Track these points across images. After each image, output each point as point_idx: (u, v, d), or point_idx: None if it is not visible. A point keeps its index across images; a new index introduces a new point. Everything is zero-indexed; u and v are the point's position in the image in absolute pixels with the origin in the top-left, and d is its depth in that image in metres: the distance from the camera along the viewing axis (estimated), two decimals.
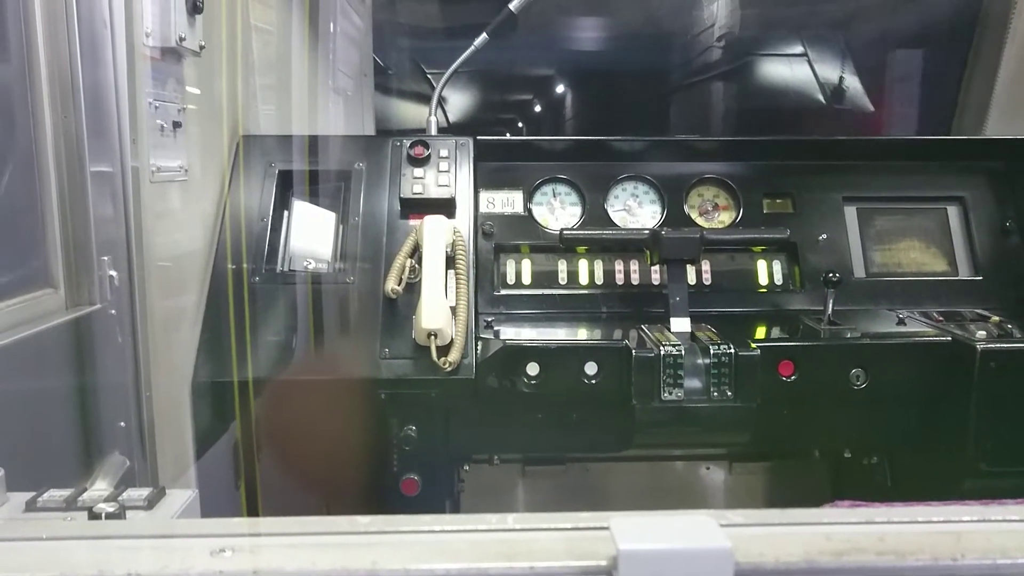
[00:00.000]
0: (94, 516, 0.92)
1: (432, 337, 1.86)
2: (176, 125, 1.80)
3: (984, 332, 1.96)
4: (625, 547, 0.62)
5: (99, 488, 1.01)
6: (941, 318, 2.11)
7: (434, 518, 0.70)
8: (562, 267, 2.24)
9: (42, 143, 1.46)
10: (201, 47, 1.83)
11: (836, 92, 5.23)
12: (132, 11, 1.57)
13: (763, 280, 2.26)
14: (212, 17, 1.90)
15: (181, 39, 1.72)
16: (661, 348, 1.87)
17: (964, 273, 2.31)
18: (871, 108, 4.99)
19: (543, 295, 2.20)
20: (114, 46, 1.51)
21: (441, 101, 2.53)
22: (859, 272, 2.28)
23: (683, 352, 1.87)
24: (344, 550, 0.65)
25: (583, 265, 2.24)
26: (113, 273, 1.55)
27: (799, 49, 5.90)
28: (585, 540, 0.66)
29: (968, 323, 2.06)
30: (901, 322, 2.10)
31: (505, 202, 2.30)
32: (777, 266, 2.27)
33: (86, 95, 1.48)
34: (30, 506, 0.96)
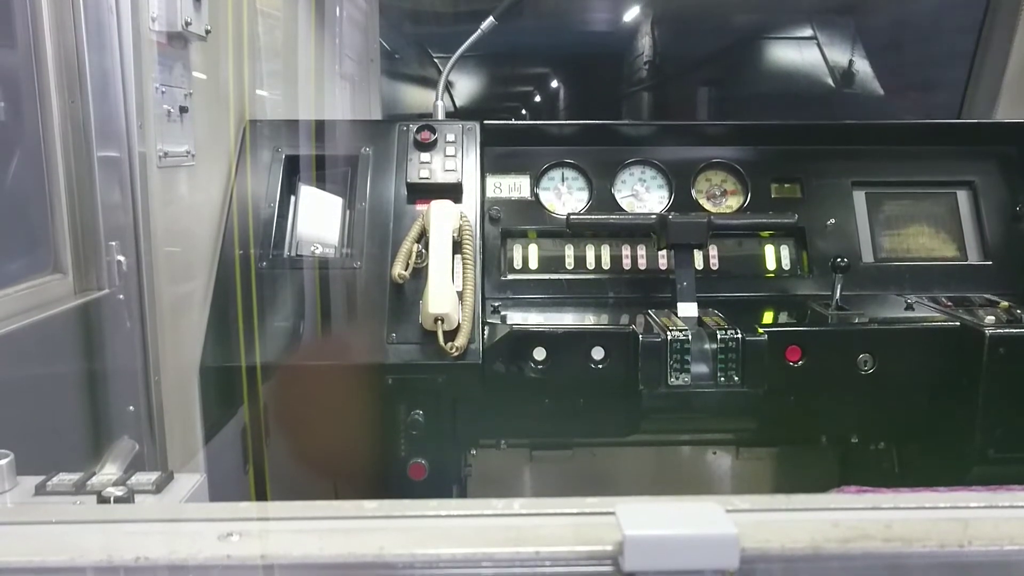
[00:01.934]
0: (103, 500, 0.92)
1: (439, 322, 1.86)
2: (183, 110, 1.79)
3: (993, 317, 1.94)
4: (631, 532, 0.62)
5: (108, 472, 1.02)
6: (950, 303, 2.10)
7: (440, 503, 0.70)
8: (569, 252, 2.23)
9: (49, 129, 1.47)
10: (207, 32, 1.82)
11: (845, 75, 5.22)
12: None
13: (771, 265, 2.25)
14: (218, 2, 1.89)
15: (187, 24, 1.72)
16: (668, 333, 1.87)
17: (973, 258, 2.29)
18: (881, 92, 4.96)
19: (550, 280, 2.20)
20: (120, 32, 1.51)
21: (448, 86, 2.52)
22: (867, 257, 2.26)
23: (690, 337, 1.87)
24: (351, 535, 0.66)
25: (590, 250, 2.23)
26: (121, 258, 1.56)
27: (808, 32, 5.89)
28: (591, 525, 0.66)
29: (977, 308, 2.05)
30: (909, 307, 2.09)
31: (512, 187, 2.30)
32: (785, 251, 2.26)
33: (93, 81, 1.48)
34: (40, 490, 0.96)
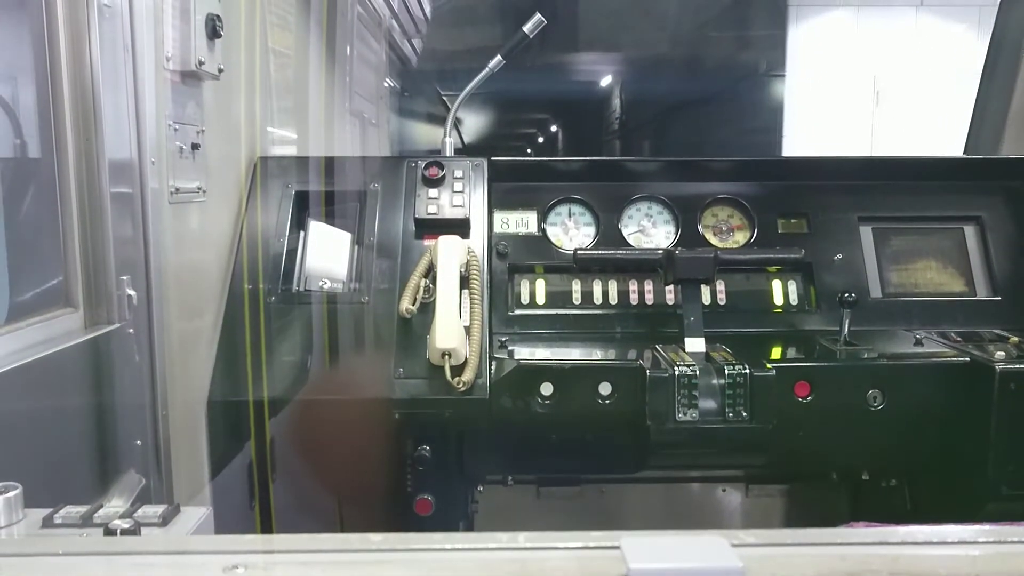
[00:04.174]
0: (109, 532, 0.92)
1: (446, 357, 1.86)
2: (195, 147, 1.82)
3: (1003, 353, 1.93)
4: (636, 566, 0.62)
5: (115, 505, 1.02)
6: (959, 339, 2.09)
7: (445, 536, 0.70)
8: (576, 287, 2.24)
9: (64, 165, 1.49)
10: (220, 70, 1.86)
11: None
12: (154, 36, 1.60)
13: (778, 300, 2.25)
14: (231, 41, 1.93)
15: (201, 63, 1.75)
16: (676, 368, 1.87)
17: (982, 293, 2.29)
18: None
19: (557, 315, 2.20)
20: (135, 70, 1.55)
21: (456, 123, 2.55)
22: (875, 292, 2.26)
23: (698, 372, 1.87)
24: (356, 568, 0.66)
25: (597, 285, 2.24)
26: (132, 292, 1.57)
27: None
28: (596, 559, 0.66)
29: (987, 343, 2.04)
30: (918, 342, 2.08)
31: (519, 222, 2.31)
32: (792, 286, 2.26)
33: (107, 118, 1.51)
34: (47, 522, 0.97)
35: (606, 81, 8.70)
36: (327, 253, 2.16)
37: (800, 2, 8.80)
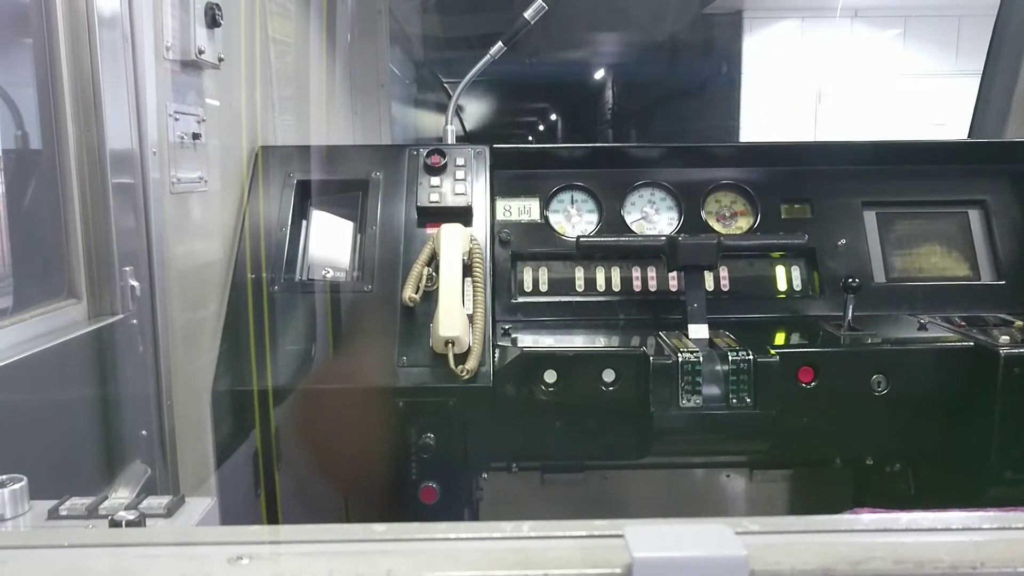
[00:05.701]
0: (115, 524, 0.92)
1: (450, 345, 1.86)
2: (196, 136, 1.82)
3: (1007, 337, 1.93)
4: (639, 555, 0.62)
5: (120, 496, 1.03)
6: (963, 323, 2.08)
7: (449, 526, 0.70)
8: (579, 274, 2.23)
9: (65, 157, 1.49)
10: (220, 59, 1.85)
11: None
12: (153, 25, 1.59)
13: (782, 286, 2.24)
14: (231, 30, 1.92)
15: (200, 52, 1.74)
16: (679, 355, 1.87)
17: (986, 277, 2.28)
18: None
19: (560, 302, 2.20)
20: (135, 60, 1.54)
21: (458, 110, 2.54)
22: (879, 277, 2.25)
23: (701, 359, 1.86)
24: (360, 558, 0.66)
25: (600, 272, 2.24)
26: (135, 283, 1.57)
27: None
28: (600, 548, 0.66)
29: (991, 328, 2.03)
30: (922, 327, 2.07)
31: (522, 210, 2.30)
32: (796, 272, 2.25)
33: (108, 109, 1.51)
34: (52, 514, 0.97)
35: (599, 74, 9.79)
36: (329, 242, 2.16)
37: (754, 15, 10.41)
